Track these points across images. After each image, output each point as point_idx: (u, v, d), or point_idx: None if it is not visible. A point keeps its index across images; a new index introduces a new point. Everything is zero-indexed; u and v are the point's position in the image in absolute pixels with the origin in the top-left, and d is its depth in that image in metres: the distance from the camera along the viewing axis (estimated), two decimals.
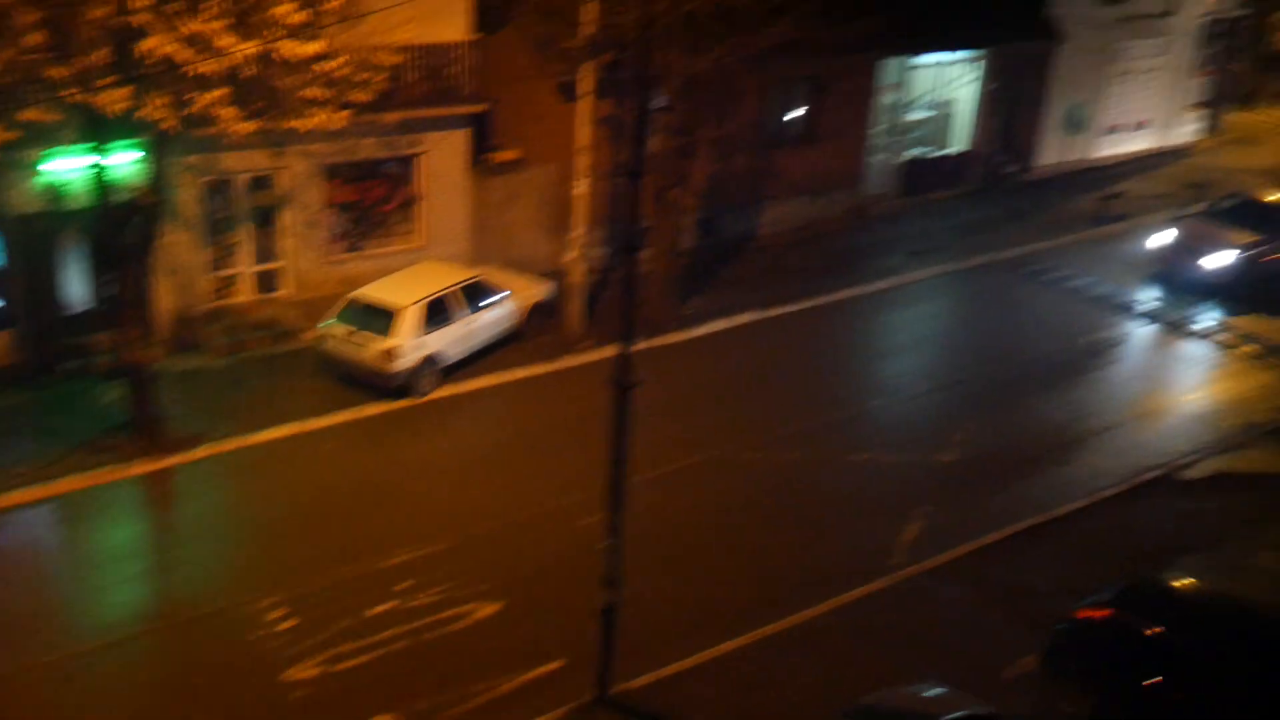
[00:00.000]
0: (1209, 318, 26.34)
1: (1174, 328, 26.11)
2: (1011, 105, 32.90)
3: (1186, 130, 36.66)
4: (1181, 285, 27.39)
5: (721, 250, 28.37)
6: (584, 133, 23.04)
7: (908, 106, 31.61)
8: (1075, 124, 32.89)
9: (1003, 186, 33.20)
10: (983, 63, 31.87)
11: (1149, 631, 14.73)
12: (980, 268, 28.76)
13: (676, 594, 17.19)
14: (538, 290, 24.35)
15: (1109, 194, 31.84)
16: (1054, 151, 34.04)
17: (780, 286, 26.85)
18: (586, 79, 22.83)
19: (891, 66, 30.48)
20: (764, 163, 29.00)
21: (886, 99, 30.94)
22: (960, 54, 31.56)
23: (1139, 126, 35.72)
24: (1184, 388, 24.04)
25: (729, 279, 27.18)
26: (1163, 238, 28.24)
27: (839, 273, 27.74)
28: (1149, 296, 27.32)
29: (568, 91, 24.22)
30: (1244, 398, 23.36)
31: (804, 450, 20.95)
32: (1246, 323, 26.15)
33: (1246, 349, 25.12)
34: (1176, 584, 15.97)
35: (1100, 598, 15.45)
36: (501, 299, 23.20)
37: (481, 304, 22.74)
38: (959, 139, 32.79)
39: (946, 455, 21.08)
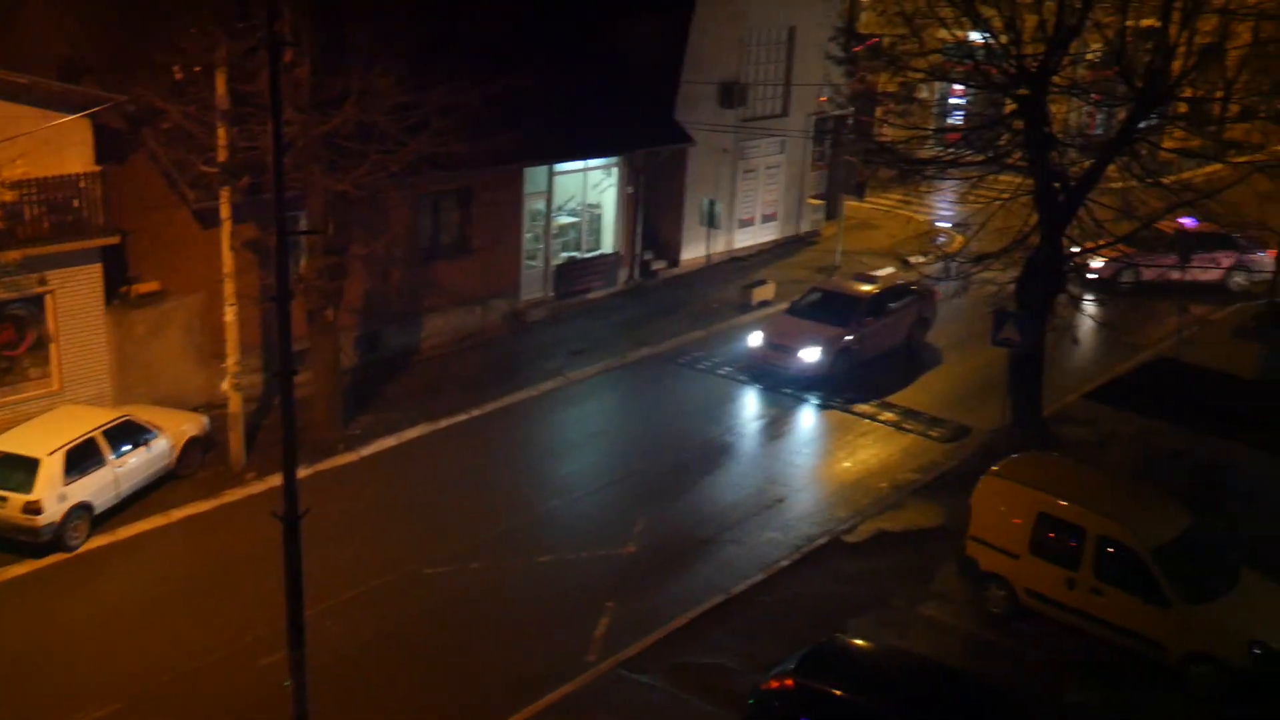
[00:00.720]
0: (840, 396, 27.80)
1: (818, 406, 27.65)
2: (652, 205, 34.44)
3: (811, 219, 39.49)
4: (783, 379, 28.30)
5: (385, 366, 28.02)
6: (228, 258, 22.35)
7: (556, 212, 32.51)
8: (711, 219, 34.78)
9: (653, 282, 34.57)
10: (617, 168, 33.27)
11: (832, 694, 15.38)
12: (639, 361, 29.69)
13: None
14: (192, 425, 23.17)
15: (749, 283, 33.73)
16: (697, 246, 35.79)
17: (448, 397, 26.75)
18: (225, 204, 22.20)
19: (537, 174, 31.32)
20: (421, 275, 29.00)
21: (535, 206, 31.73)
22: (600, 160, 32.84)
23: (767, 218, 38.18)
24: (835, 458, 25.48)
25: (395, 394, 26.84)
26: (755, 338, 29.09)
27: (505, 378, 27.94)
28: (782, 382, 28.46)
29: (208, 218, 23.47)
30: (888, 462, 25.06)
31: (489, 559, 20.78)
32: (876, 395, 28.06)
33: (887, 416, 26.98)
34: (851, 645, 16.81)
35: (784, 668, 16.03)
36: (152, 438, 21.96)
37: (130, 445, 21.46)
38: (608, 240, 33.96)
39: (629, 547, 21.43)
